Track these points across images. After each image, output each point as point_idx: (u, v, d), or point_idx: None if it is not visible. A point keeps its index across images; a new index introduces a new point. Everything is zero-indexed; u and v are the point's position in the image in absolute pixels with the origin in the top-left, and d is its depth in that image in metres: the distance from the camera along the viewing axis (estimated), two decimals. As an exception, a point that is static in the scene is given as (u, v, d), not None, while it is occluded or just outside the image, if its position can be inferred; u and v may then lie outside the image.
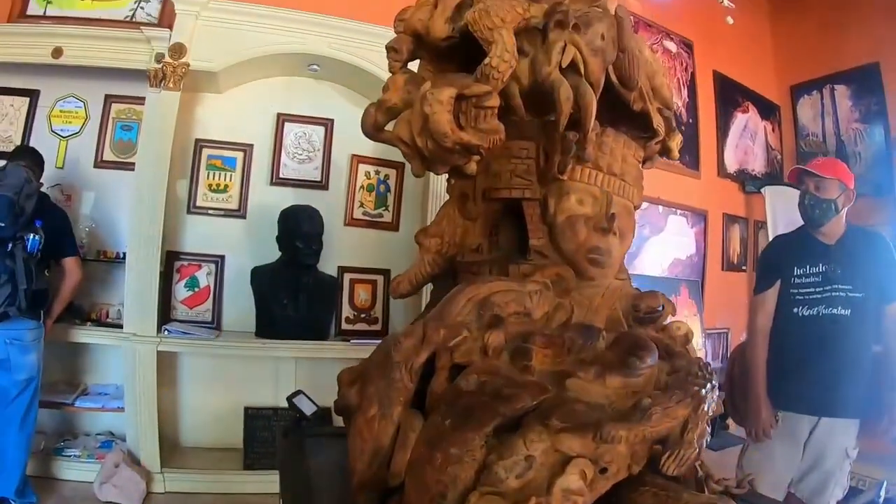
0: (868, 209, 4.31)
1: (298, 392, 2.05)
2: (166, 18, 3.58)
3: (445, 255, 1.57)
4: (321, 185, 4.02)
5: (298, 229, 3.50)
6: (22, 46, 3.39)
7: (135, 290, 3.33)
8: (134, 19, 3.68)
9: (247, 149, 3.88)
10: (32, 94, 3.67)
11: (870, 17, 5.11)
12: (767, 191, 5.30)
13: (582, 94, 1.27)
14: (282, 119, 3.96)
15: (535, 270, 1.40)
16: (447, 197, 1.63)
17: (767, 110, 5.91)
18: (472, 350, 1.16)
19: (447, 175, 1.55)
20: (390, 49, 1.51)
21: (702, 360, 1.20)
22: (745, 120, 5.68)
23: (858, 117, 5.26)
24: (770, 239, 4.98)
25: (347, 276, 3.96)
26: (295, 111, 3.99)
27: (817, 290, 2.57)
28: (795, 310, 2.60)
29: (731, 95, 5.58)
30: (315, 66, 3.81)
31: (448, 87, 1.24)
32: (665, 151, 1.72)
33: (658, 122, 1.57)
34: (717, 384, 1.10)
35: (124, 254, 3.44)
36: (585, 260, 1.40)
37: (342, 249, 3.94)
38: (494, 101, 1.27)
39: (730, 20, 4.82)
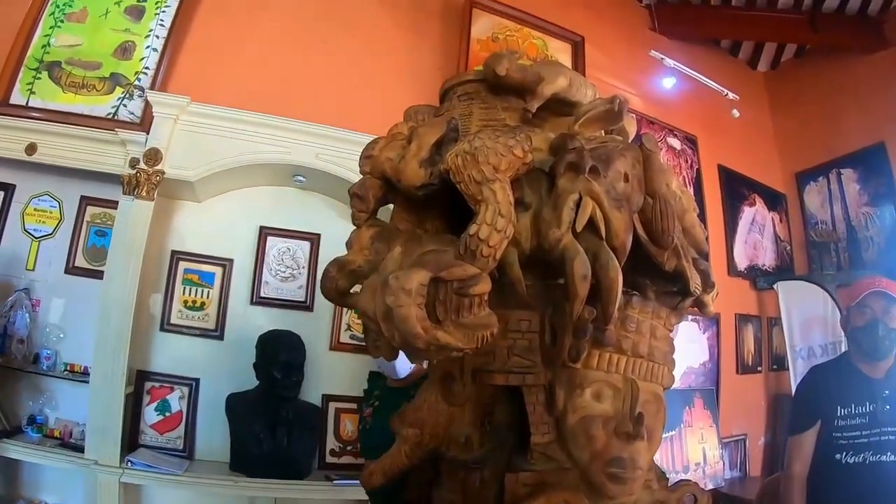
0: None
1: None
2: (148, 118, 3.40)
3: (426, 448, 1.27)
4: (305, 305, 3.74)
5: (277, 358, 3.20)
6: None
7: (98, 413, 3.03)
8: (116, 116, 3.51)
9: (226, 264, 3.63)
10: (7, 189, 3.51)
11: (870, 98, 5.09)
12: (780, 286, 5.06)
13: (603, 267, 0.98)
14: (264, 232, 3.73)
15: (538, 481, 1.11)
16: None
17: (774, 201, 5.76)
18: None
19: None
20: (354, 196, 1.25)
21: None
22: (753, 213, 5.51)
23: (867, 200, 5.13)
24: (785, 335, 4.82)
25: (333, 405, 3.61)
26: (279, 224, 3.77)
27: (864, 433, 2.26)
28: (838, 456, 2.28)
29: (737, 189, 5.43)
30: (301, 178, 3.61)
31: (418, 271, 0.95)
32: (699, 306, 1.45)
33: (696, 283, 1.28)
34: None
35: (93, 369, 3.16)
36: (603, 474, 1.09)
37: (327, 376, 3.62)
38: (483, 287, 0.99)
39: (736, 113, 4.75)
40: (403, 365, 2.38)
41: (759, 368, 5.34)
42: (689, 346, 4.76)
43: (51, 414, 3.29)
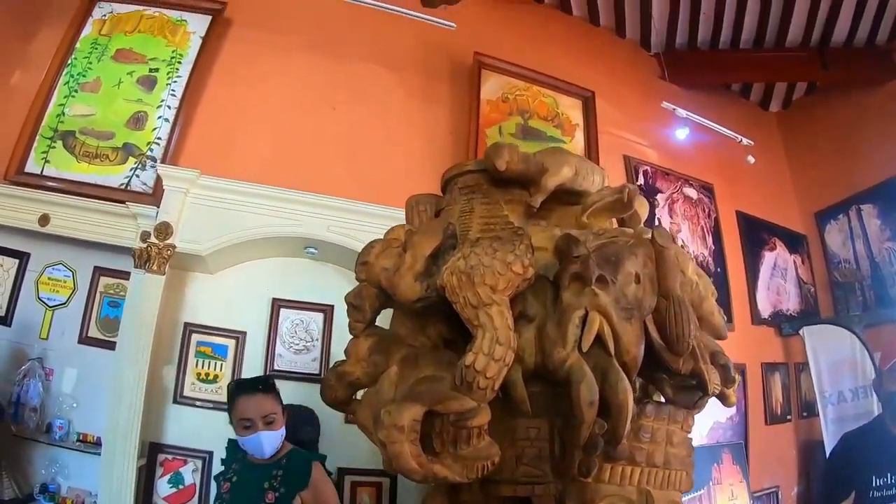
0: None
1: None
2: (160, 189, 3.43)
3: None
4: (320, 378, 3.58)
5: (293, 437, 3.10)
6: (10, 209, 3.29)
7: (110, 486, 2.96)
8: (129, 186, 3.57)
9: (239, 336, 3.59)
10: (22, 257, 3.51)
11: (885, 130, 5.02)
12: (806, 331, 4.95)
13: (612, 387, 0.94)
14: (277, 304, 3.69)
15: None
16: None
17: (795, 243, 5.65)
18: None
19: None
20: (350, 306, 1.22)
21: None
22: (774, 258, 5.40)
23: (890, 235, 5.02)
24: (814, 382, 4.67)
25: (348, 479, 3.52)
26: (291, 296, 3.73)
27: (902, 504, 2.14)
28: (876, 528, 2.15)
29: (757, 234, 5.36)
30: (312, 249, 3.60)
31: (411, 406, 0.91)
32: (721, 398, 1.42)
33: (715, 384, 1.26)
34: None
35: (107, 439, 3.12)
36: None
37: (342, 449, 3.45)
38: (482, 419, 0.95)
39: (751, 160, 4.69)
40: (271, 444, 2.18)
41: (789, 417, 5.15)
42: (716, 400, 4.58)
43: (63, 483, 3.22)
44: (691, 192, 5.04)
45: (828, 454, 4.50)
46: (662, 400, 1.31)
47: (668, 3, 5.19)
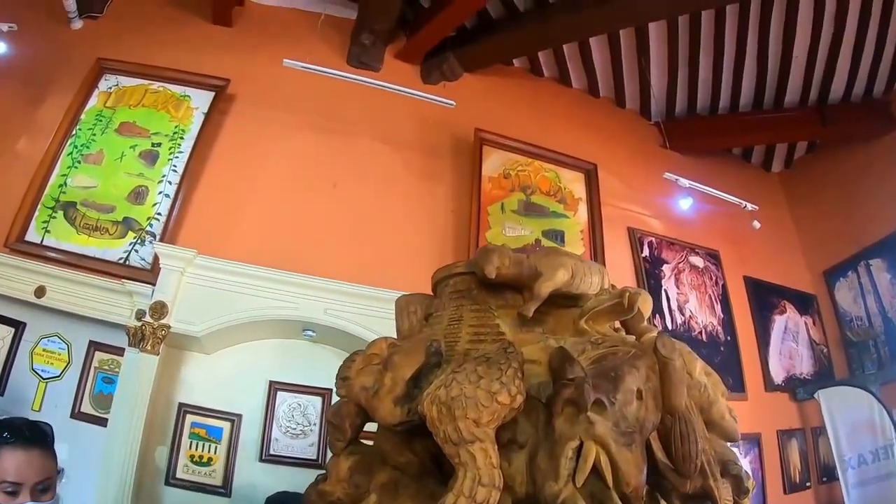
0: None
1: None
2: (157, 266, 3.40)
3: None
4: (317, 463, 3.53)
5: None
6: (8, 279, 3.29)
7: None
8: (128, 261, 3.56)
9: (235, 419, 3.49)
10: (18, 326, 3.47)
11: (888, 181, 4.99)
12: (821, 394, 4.79)
13: None
14: (274, 387, 3.60)
15: None
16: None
17: (805, 304, 5.54)
18: None
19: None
20: (330, 425, 1.16)
21: None
22: (785, 321, 5.29)
23: None
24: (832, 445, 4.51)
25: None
26: (289, 378, 3.65)
27: None
28: None
29: (766, 299, 5.26)
30: (310, 332, 3.54)
31: None
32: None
33: (727, 500, 1.19)
34: None
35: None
36: None
37: None
38: None
39: (756, 225, 4.65)
40: None
41: (808, 484, 4.94)
42: (729, 475, 4.42)
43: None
44: (697, 261, 4.99)
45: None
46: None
47: (667, 72, 5.28)
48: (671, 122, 5.56)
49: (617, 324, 1.34)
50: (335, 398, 3.48)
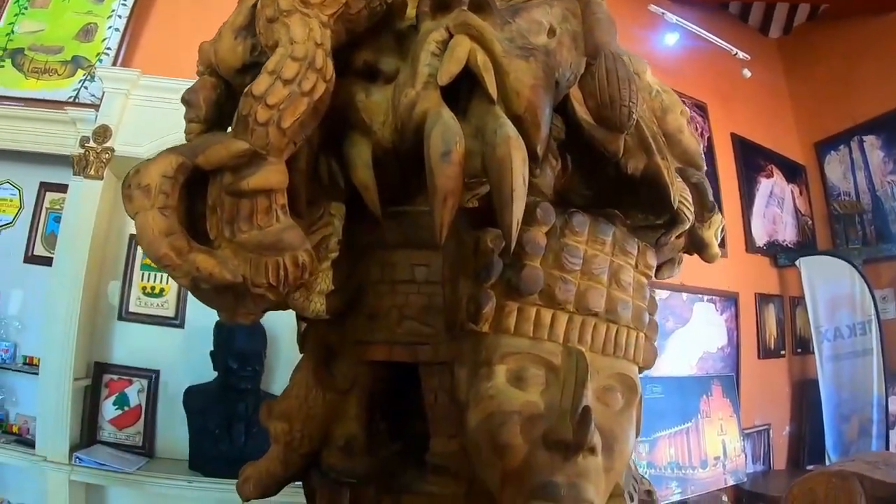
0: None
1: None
2: (105, 97, 3.22)
3: (300, 451, 0.92)
4: None
5: (232, 345, 2.86)
6: None
7: (48, 407, 2.84)
8: (77, 99, 3.32)
9: (185, 243, 3.36)
10: None
11: (890, 60, 4.75)
12: (803, 262, 4.75)
13: (490, 143, 0.62)
14: None
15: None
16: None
17: (793, 172, 5.41)
18: None
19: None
20: (184, 102, 0.96)
21: None
22: (771, 185, 5.15)
23: (893, 168, 4.82)
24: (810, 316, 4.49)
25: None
26: None
27: None
28: None
29: (752, 159, 5.07)
30: None
31: (164, 157, 0.63)
32: (697, 246, 1.03)
33: (679, 193, 0.88)
34: None
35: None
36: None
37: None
38: (266, 178, 0.64)
39: (747, 73, 4.38)
40: None
41: (783, 352, 4.98)
42: (707, 329, 4.39)
43: (11, 409, 3.11)
44: (683, 111, 4.74)
45: (822, 393, 4.33)
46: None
47: None
48: (667, -34, 5.13)
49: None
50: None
